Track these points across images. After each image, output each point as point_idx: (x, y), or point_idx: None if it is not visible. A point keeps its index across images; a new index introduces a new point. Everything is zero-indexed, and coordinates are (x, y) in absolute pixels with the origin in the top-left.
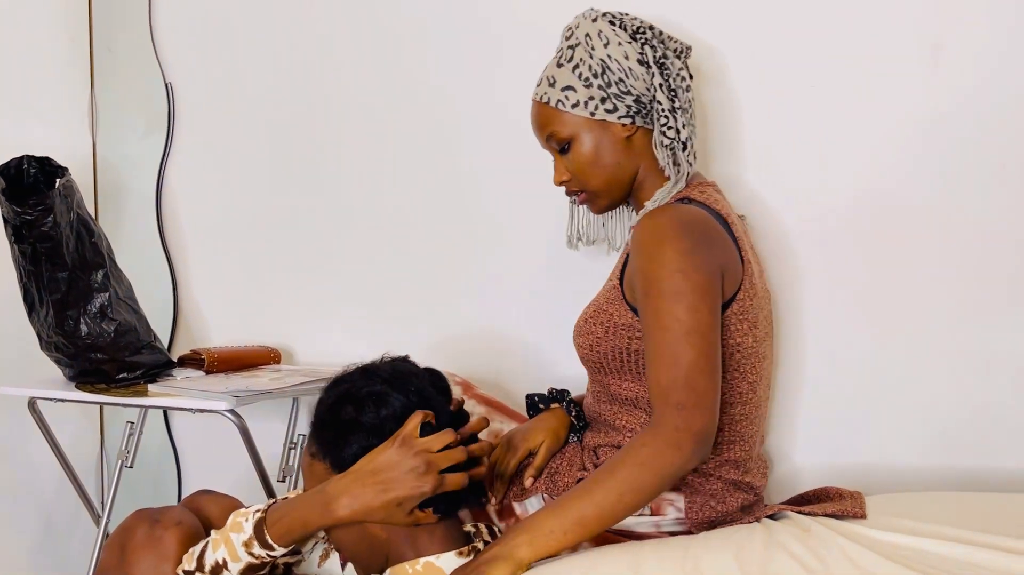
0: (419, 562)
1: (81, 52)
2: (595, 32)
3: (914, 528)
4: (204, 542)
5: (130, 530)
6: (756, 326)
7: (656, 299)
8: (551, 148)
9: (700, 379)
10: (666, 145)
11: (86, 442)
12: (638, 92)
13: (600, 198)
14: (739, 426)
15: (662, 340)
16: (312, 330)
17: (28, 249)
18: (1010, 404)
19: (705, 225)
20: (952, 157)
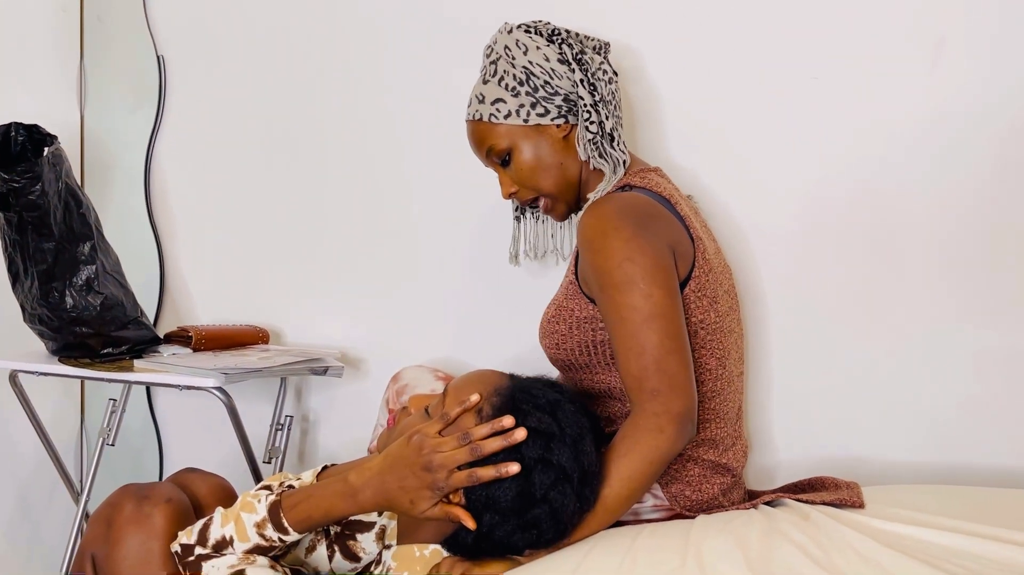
0: (428, 548)
1: (71, 21)
2: (513, 42)
3: (913, 518)
4: (207, 518)
5: (118, 505)
6: (717, 301)
7: (610, 291)
8: (492, 163)
9: (669, 361)
10: (590, 139)
11: (66, 419)
12: (565, 91)
13: (558, 202)
14: (712, 403)
15: (624, 331)
16: (301, 310)
17: (14, 218)
18: (999, 401)
19: (647, 208)
20: (948, 154)
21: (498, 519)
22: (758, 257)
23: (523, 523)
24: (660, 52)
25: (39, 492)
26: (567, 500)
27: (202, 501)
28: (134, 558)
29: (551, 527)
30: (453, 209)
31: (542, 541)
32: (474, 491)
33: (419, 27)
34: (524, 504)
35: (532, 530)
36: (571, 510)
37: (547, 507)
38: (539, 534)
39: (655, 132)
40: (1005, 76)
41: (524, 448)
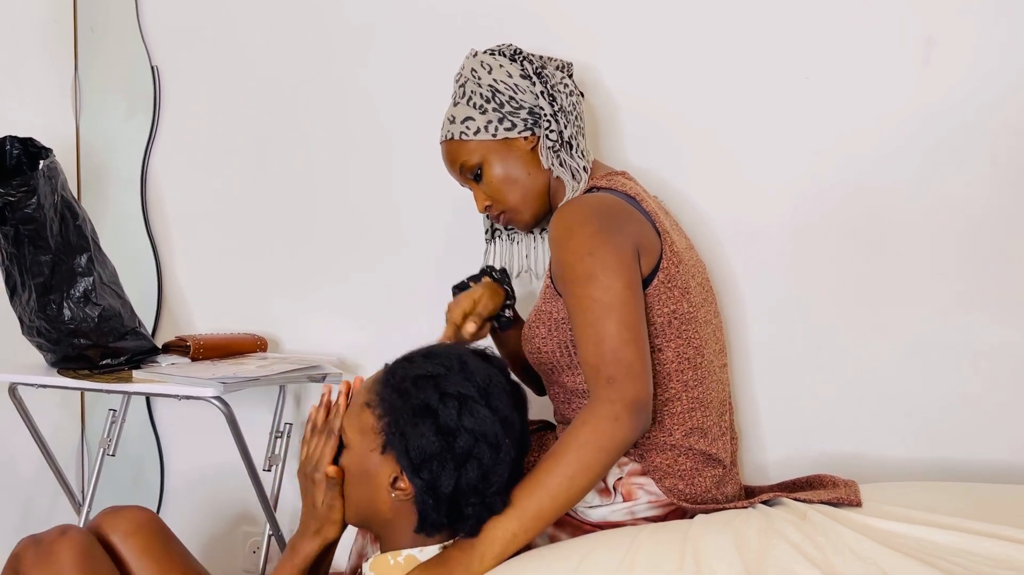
0: (401, 554)
1: (65, 32)
2: (478, 64)
3: (909, 516)
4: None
5: (19, 556)
6: (688, 292)
7: (572, 284)
8: (466, 180)
9: (624, 350)
10: (550, 147)
11: (67, 430)
12: (529, 104)
13: (522, 213)
14: (695, 391)
15: (583, 321)
16: (299, 318)
17: (11, 231)
18: (994, 397)
19: (612, 206)
20: (938, 152)
21: (436, 465)
22: (750, 256)
23: (458, 458)
24: (650, 54)
25: (41, 503)
26: (482, 418)
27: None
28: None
29: (490, 454)
30: (450, 219)
31: (496, 479)
32: (404, 456)
33: (424, 44)
34: (446, 439)
35: (475, 464)
36: (494, 429)
37: (469, 434)
38: (485, 469)
39: (642, 134)
40: (994, 74)
41: (419, 395)
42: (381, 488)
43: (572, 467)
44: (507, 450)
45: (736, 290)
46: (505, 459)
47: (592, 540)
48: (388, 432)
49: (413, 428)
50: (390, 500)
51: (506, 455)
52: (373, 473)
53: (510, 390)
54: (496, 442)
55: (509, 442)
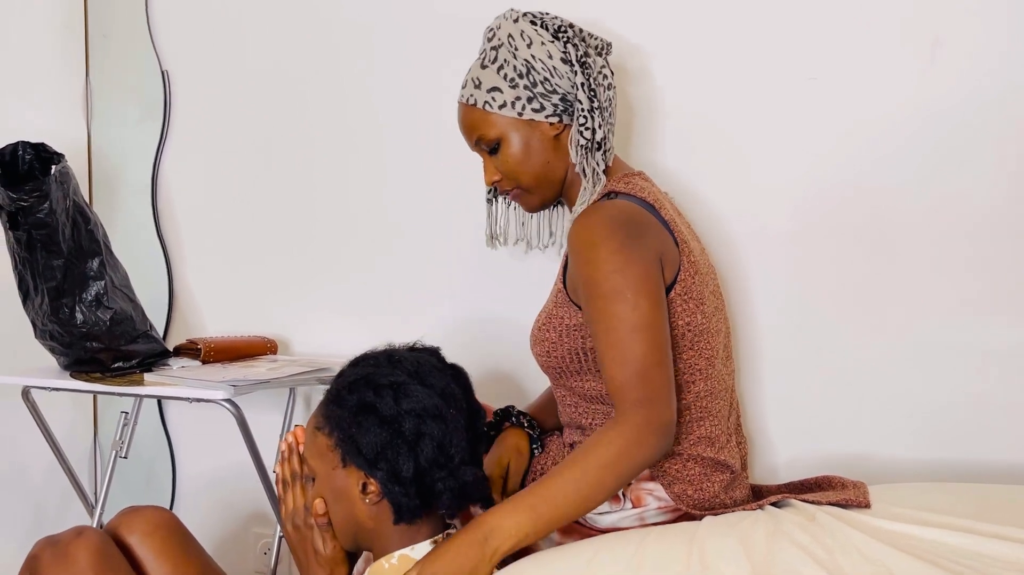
0: (394, 556)
1: (76, 37)
2: (517, 33)
3: (919, 518)
4: None
5: (36, 558)
6: (703, 302)
7: (597, 300)
8: (480, 150)
9: (654, 373)
10: (582, 145)
11: (80, 432)
12: (564, 90)
13: (532, 195)
14: (704, 401)
15: (609, 340)
16: (308, 321)
17: (23, 236)
18: (1000, 397)
19: (635, 217)
20: (947, 152)
21: (390, 453)
22: (755, 256)
23: (409, 441)
24: (657, 53)
25: (53, 505)
26: (419, 397)
27: (139, 536)
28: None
29: (438, 427)
30: (461, 221)
31: (456, 449)
32: (359, 457)
33: (434, 46)
34: (392, 426)
35: (427, 441)
36: (434, 402)
37: (412, 415)
38: (438, 442)
39: (650, 133)
40: (999, 74)
41: (355, 397)
42: (355, 499)
43: (592, 484)
44: (454, 419)
45: (742, 291)
46: (455, 428)
47: (600, 542)
48: (341, 444)
49: (359, 428)
50: (366, 508)
51: (455, 424)
52: (343, 489)
53: (442, 367)
54: (440, 414)
55: (454, 411)
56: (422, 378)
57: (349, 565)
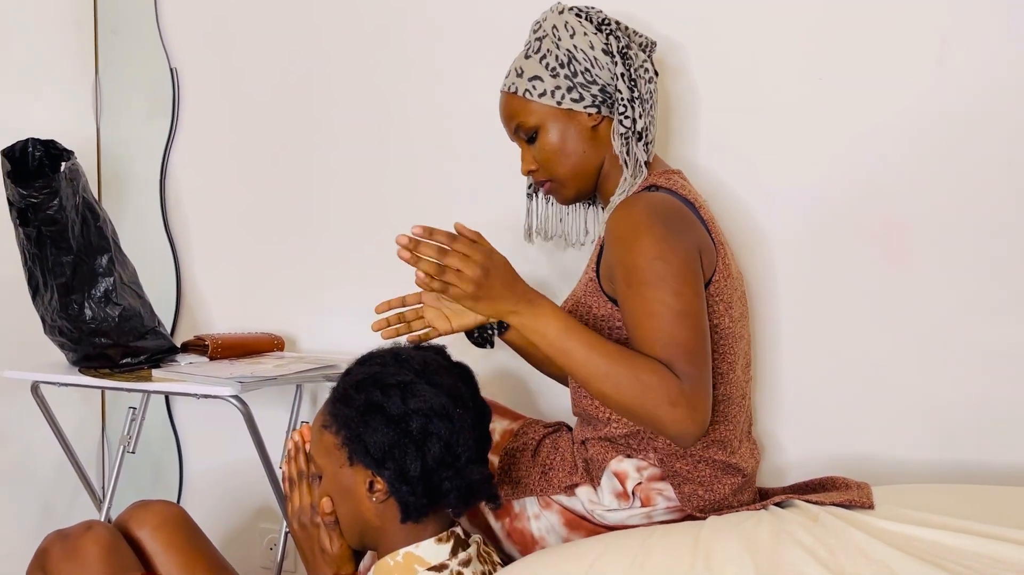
0: (399, 553)
1: (86, 34)
2: (561, 24)
3: (923, 519)
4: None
5: (46, 551)
6: (731, 306)
7: (640, 287)
8: (519, 139)
9: (699, 357)
10: (622, 134)
11: (88, 427)
12: (603, 81)
13: (566, 187)
14: (721, 406)
15: (654, 325)
16: (315, 318)
17: (33, 232)
18: (1008, 399)
19: (677, 211)
20: (955, 153)
21: (398, 453)
22: (768, 259)
23: (416, 440)
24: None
25: (62, 500)
26: (427, 397)
27: (151, 533)
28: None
29: (445, 426)
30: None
31: (463, 448)
32: (367, 456)
33: (439, 45)
34: (399, 426)
35: (434, 440)
36: (441, 402)
37: (419, 415)
38: (446, 441)
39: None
40: (1009, 75)
41: (362, 396)
42: (362, 497)
43: (610, 375)
44: (461, 418)
45: (754, 293)
46: (462, 427)
47: (605, 540)
48: (347, 442)
49: (366, 428)
50: (373, 506)
51: (461, 423)
52: (349, 486)
53: (449, 367)
54: (447, 413)
55: (461, 411)
56: (429, 377)
57: (355, 563)
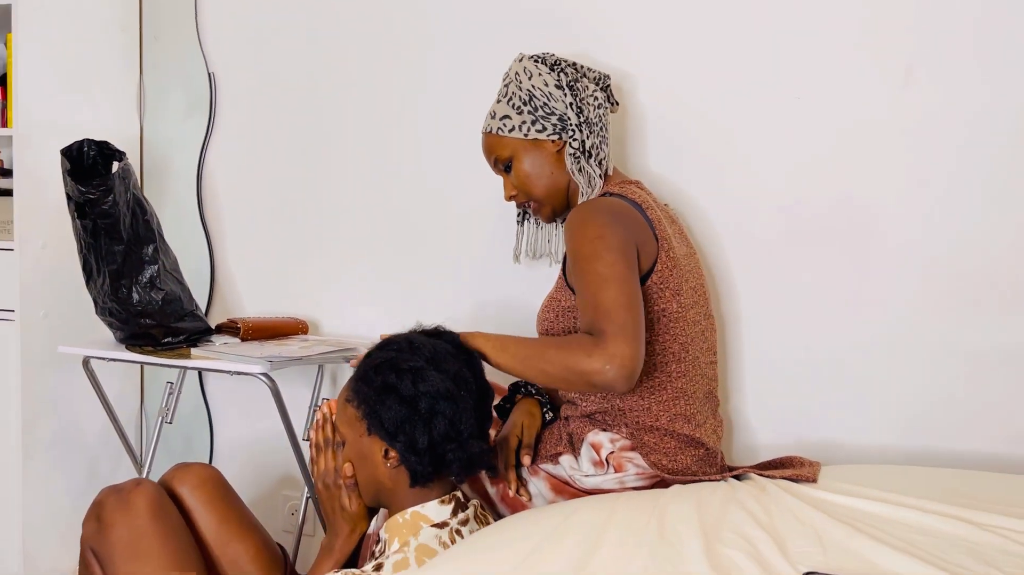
0: (407, 512)
1: (131, 41)
2: (522, 69)
3: (857, 491)
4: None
5: (101, 503)
6: (679, 293)
7: (580, 262)
8: (499, 170)
9: (621, 312)
10: (571, 154)
11: (127, 400)
12: (560, 112)
13: (544, 206)
14: (679, 382)
15: (587, 292)
16: (337, 304)
17: (89, 224)
18: (969, 391)
19: (620, 209)
20: (920, 164)
21: (408, 427)
22: (744, 257)
23: (424, 418)
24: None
25: (105, 464)
26: (434, 381)
27: (188, 488)
28: (126, 539)
29: (449, 407)
30: (482, 209)
31: (465, 425)
32: (382, 430)
33: (464, 48)
34: (410, 405)
35: (440, 419)
36: (447, 386)
37: (427, 397)
38: (450, 419)
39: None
40: (967, 95)
41: (380, 378)
42: (378, 463)
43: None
44: (464, 400)
45: (731, 289)
46: (465, 407)
47: (578, 503)
48: (367, 416)
49: (382, 405)
50: (387, 471)
51: (465, 404)
52: (368, 453)
53: (456, 354)
54: (452, 396)
55: (465, 394)
56: (438, 364)
57: (368, 521)
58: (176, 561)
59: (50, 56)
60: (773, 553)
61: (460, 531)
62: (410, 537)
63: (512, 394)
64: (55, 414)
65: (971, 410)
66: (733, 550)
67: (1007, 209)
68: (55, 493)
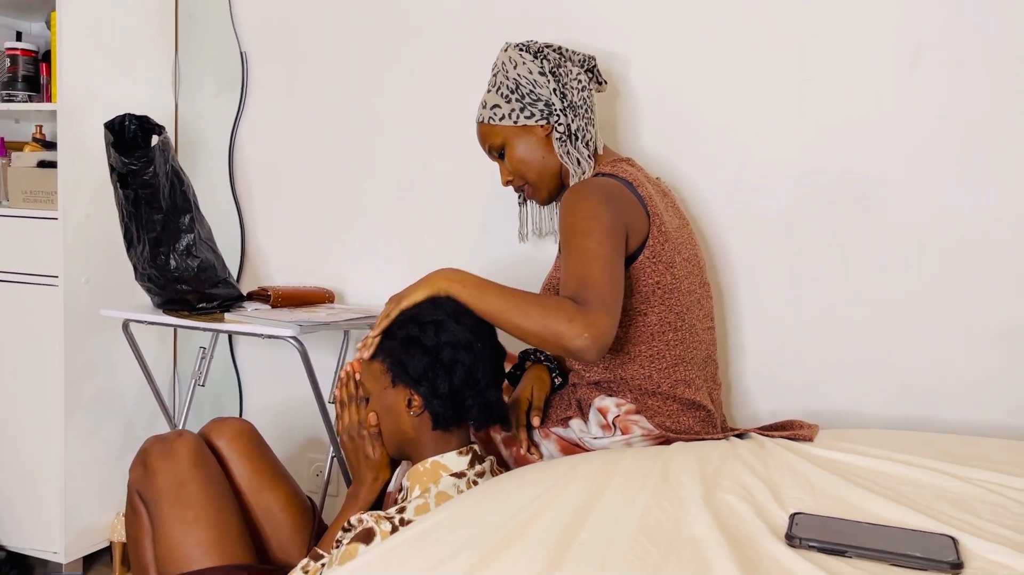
0: (428, 461)
1: (167, 21)
2: (507, 59)
3: (854, 449)
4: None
5: (147, 450)
6: (673, 266)
7: (571, 237)
8: (494, 157)
9: (603, 287)
10: (558, 138)
11: (161, 364)
12: (545, 98)
13: (539, 190)
14: (677, 350)
15: (574, 263)
16: (361, 274)
17: (131, 194)
18: (964, 364)
19: (611, 189)
20: (924, 146)
21: (431, 374)
22: (753, 235)
23: (446, 366)
24: (669, 54)
25: (140, 423)
26: (455, 332)
27: (225, 441)
28: (169, 483)
29: (468, 356)
30: (499, 191)
31: (482, 375)
32: (406, 377)
33: (490, 34)
34: (433, 355)
35: (460, 367)
36: (466, 337)
37: (449, 346)
38: (468, 367)
39: (659, 125)
40: (974, 78)
41: (403, 331)
42: (402, 413)
43: (518, 309)
44: (481, 351)
45: (734, 267)
46: (483, 357)
47: (585, 455)
48: (391, 368)
49: (407, 355)
50: (410, 419)
51: (482, 354)
52: (392, 404)
53: (470, 311)
54: (470, 346)
55: (482, 345)
56: (458, 318)
57: (391, 470)
58: (215, 506)
59: (91, 35)
60: (767, 498)
61: (476, 482)
62: (430, 484)
63: (522, 362)
64: (95, 375)
65: (971, 381)
66: (730, 495)
67: (1014, 187)
68: (94, 450)
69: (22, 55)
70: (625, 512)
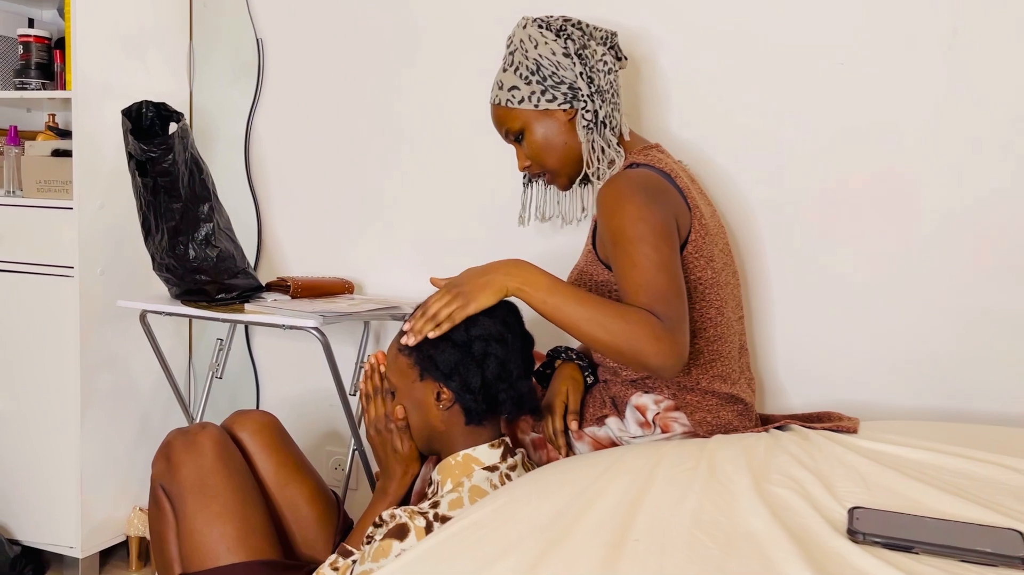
0: (459, 454)
1: (182, 7)
2: (527, 37)
3: (896, 440)
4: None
5: (170, 443)
6: (712, 259)
7: (625, 244)
8: (510, 141)
9: (676, 303)
10: (585, 125)
11: (177, 356)
12: (569, 80)
13: (560, 176)
14: (716, 345)
15: (637, 275)
16: (379, 266)
17: (150, 182)
18: (1000, 355)
19: (654, 183)
20: (959, 135)
21: (463, 369)
22: (783, 222)
23: (477, 359)
24: (701, 37)
25: (157, 416)
26: (485, 325)
27: (248, 434)
28: (193, 477)
29: (500, 348)
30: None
31: (514, 366)
32: (436, 371)
33: (495, 18)
34: (464, 349)
35: (492, 360)
36: (497, 329)
37: (480, 340)
38: (501, 360)
39: (691, 107)
40: (1013, 64)
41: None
42: (431, 407)
43: (597, 320)
44: (512, 342)
45: (761, 253)
46: (513, 350)
47: (623, 449)
48: (419, 362)
49: (436, 350)
50: (440, 413)
51: (513, 347)
52: (421, 398)
53: (499, 304)
54: (502, 338)
55: (512, 336)
56: (488, 311)
57: (419, 464)
58: (240, 499)
59: (105, 21)
60: (821, 492)
61: (509, 475)
62: (463, 478)
63: (551, 360)
64: (111, 367)
65: (1009, 372)
66: (782, 489)
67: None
68: (110, 442)
69: (35, 42)
70: (676, 507)
